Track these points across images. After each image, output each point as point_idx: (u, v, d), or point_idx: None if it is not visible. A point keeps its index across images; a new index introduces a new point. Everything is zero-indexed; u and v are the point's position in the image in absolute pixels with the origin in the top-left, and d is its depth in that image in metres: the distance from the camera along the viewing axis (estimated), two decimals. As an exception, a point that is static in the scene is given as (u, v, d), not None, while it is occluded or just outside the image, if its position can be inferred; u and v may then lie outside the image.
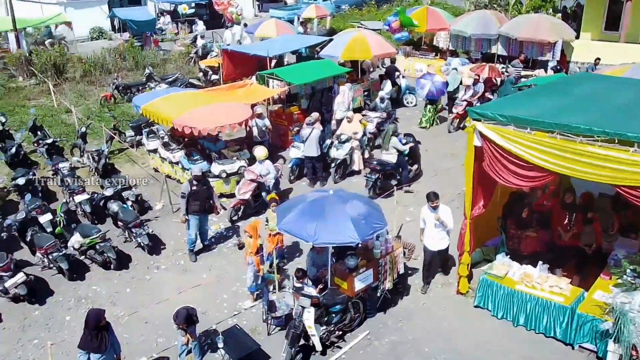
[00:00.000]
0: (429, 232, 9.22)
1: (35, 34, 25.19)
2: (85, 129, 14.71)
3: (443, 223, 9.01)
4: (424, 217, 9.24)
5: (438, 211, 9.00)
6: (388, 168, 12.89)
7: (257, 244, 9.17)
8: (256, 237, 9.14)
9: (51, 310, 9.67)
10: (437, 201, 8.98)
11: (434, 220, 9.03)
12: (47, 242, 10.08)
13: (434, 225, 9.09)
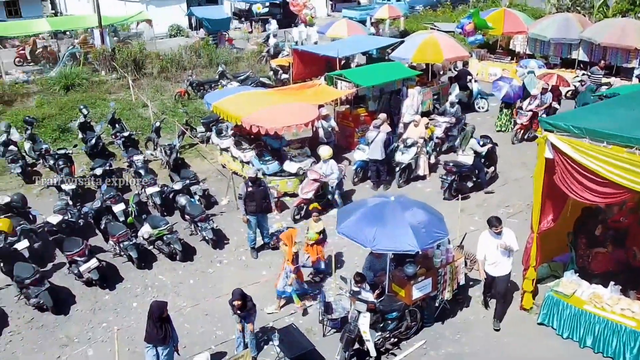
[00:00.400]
0: (491, 258, 8.52)
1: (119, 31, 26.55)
2: (159, 124, 15.33)
3: (508, 248, 8.37)
4: (486, 243, 8.52)
5: (502, 236, 8.38)
6: (464, 170, 12.76)
7: (293, 252, 9.09)
8: (291, 245, 9.05)
9: (120, 296, 10.17)
10: (500, 227, 8.34)
11: (498, 246, 8.40)
12: (119, 231, 10.60)
13: (497, 251, 8.43)
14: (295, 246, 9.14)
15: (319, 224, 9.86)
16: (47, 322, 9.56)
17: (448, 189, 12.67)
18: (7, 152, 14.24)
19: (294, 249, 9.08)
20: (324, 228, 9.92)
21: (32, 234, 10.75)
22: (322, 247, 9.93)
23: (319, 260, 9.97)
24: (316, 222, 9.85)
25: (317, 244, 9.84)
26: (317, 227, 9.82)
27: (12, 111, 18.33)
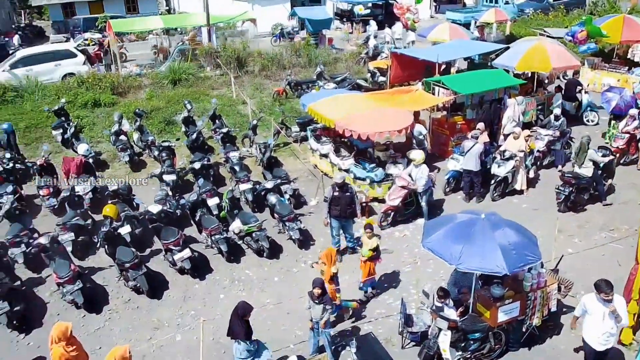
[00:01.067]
0: (593, 325, 7.45)
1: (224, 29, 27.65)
2: (256, 122, 15.82)
3: (617, 318, 7.30)
4: (588, 307, 7.49)
5: (612, 304, 7.23)
6: (583, 182, 12.21)
7: (331, 271, 8.88)
8: (330, 264, 8.86)
9: (209, 287, 10.65)
10: (611, 293, 7.17)
11: (604, 313, 7.29)
12: (212, 225, 11.08)
13: (602, 319, 7.32)
14: (335, 266, 8.92)
15: (372, 240, 9.63)
16: (142, 305, 10.22)
17: (564, 201, 12.20)
18: (118, 141, 15.35)
19: (333, 268, 8.88)
20: (378, 245, 9.72)
21: (134, 221, 11.53)
22: (374, 264, 9.76)
23: (371, 277, 9.81)
24: (370, 238, 9.63)
25: (370, 261, 9.67)
26: (370, 244, 9.62)
27: (124, 102, 19.69)
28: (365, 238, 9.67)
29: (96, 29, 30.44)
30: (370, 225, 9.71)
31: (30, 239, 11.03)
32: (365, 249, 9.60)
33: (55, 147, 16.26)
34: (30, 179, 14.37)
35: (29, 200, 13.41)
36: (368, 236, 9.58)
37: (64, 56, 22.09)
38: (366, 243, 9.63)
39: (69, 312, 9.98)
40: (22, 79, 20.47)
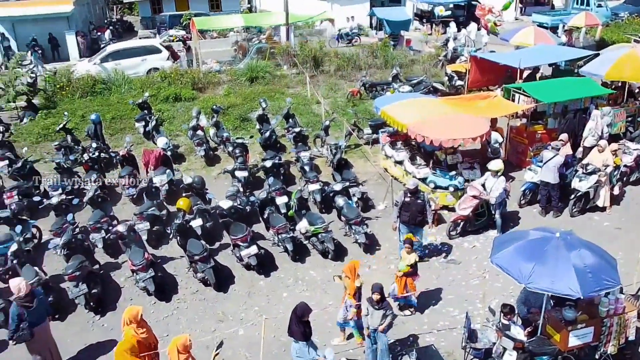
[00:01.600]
0: None
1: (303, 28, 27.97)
2: (329, 123, 15.87)
3: None
4: None
5: None
6: None
7: (355, 286, 8.64)
8: (354, 278, 8.63)
9: (273, 284, 10.81)
10: None
11: None
12: (280, 223, 11.24)
13: None
14: (358, 280, 8.69)
15: (411, 255, 9.39)
16: (208, 297, 10.53)
17: None
18: (195, 135, 15.89)
19: (357, 282, 8.65)
20: (416, 261, 9.46)
21: (206, 215, 11.90)
22: (412, 279, 9.50)
23: (409, 294, 9.56)
24: (408, 253, 9.39)
25: (406, 276, 9.41)
26: (408, 259, 9.37)
27: (203, 98, 20.36)
28: (404, 252, 9.48)
29: (180, 26, 31.69)
30: (410, 240, 9.51)
31: (110, 226, 11.66)
32: (402, 264, 9.40)
33: (137, 138, 17.08)
34: (113, 168, 15.18)
35: (110, 189, 14.15)
36: (407, 251, 9.39)
37: (150, 51, 23.17)
38: (404, 258, 9.42)
39: (141, 298, 10.45)
40: (111, 72, 21.64)
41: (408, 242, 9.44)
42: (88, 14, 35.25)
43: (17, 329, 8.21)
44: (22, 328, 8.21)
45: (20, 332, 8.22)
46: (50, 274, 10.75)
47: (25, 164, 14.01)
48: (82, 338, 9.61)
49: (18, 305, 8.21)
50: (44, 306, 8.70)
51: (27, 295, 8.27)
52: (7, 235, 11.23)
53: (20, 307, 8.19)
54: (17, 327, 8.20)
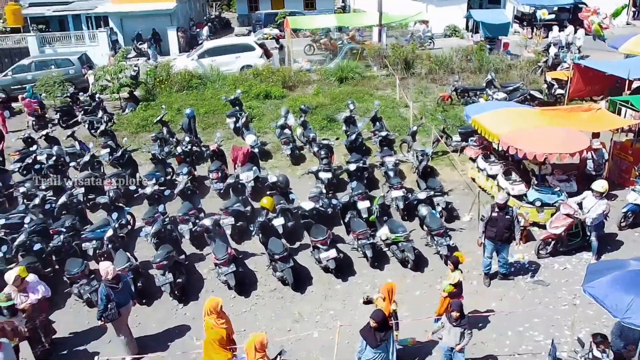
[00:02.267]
0: None
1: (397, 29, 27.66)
2: (416, 128, 15.53)
3: None
4: None
5: None
6: None
7: (391, 308, 8.19)
8: (390, 300, 8.19)
9: (350, 289, 10.74)
10: None
11: None
12: (360, 228, 11.13)
13: None
14: (395, 304, 8.29)
15: (455, 274, 8.85)
16: (286, 296, 10.65)
17: None
18: (283, 134, 16.14)
19: (393, 305, 8.24)
20: (460, 281, 8.90)
21: (288, 214, 12.04)
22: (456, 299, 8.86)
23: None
24: (452, 271, 8.86)
25: (450, 297, 8.84)
26: (452, 278, 8.84)
27: (292, 96, 20.67)
28: (448, 271, 9.01)
29: (275, 24, 32.38)
30: (456, 259, 8.95)
31: (197, 218, 12.11)
32: (446, 283, 8.93)
33: (227, 133, 17.65)
34: (204, 162, 15.75)
35: (200, 182, 14.71)
36: (451, 269, 8.92)
37: (244, 49, 23.88)
38: (448, 276, 8.96)
39: (222, 291, 10.74)
40: (207, 68, 22.52)
41: (453, 260, 8.96)
42: (189, 11, 36.92)
43: (106, 308, 8.76)
44: (110, 308, 8.74)
45: (108, 312, 8.76)
46: (140, 260, 11.30)
47: (124, 153, 14.85)
48: (165, 324, 10.04)
49: (106, 286, 8.77)
50: (129, 289, 9.29)
51: (114, 277, 8.86)
52: (105, 220, 11.97)
53: (108, 288, 8.75)
54: (105, 306, 8.75)
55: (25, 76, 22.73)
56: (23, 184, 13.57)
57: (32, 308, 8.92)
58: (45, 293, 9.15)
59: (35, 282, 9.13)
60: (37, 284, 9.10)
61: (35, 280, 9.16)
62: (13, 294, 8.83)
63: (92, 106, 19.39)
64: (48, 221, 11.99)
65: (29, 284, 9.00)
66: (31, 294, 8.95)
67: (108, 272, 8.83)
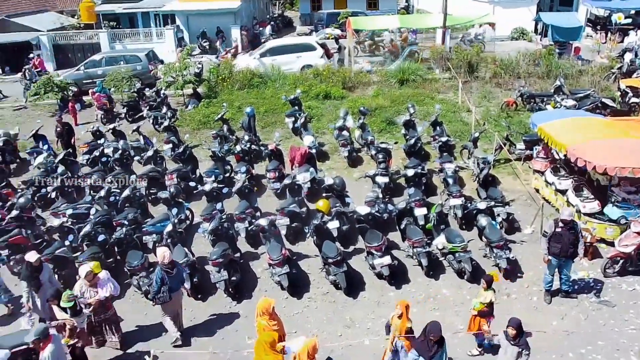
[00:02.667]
0: None
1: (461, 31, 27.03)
2: (478, 134, 15.07)
3: None
4: None
5: None
6: None
7: (408, 325, 7.85)
8: (407, 317, 7.87)
9: (403, 297, 10.38)
10: None
11: None
12: (416, 236, 10.91)
13: None
14: (410, 321, 7.93)
15: (487, 293, 8.46)
16: (338, 300, 10.59)
17: None
18: (340, 136, 16.06)
19: (409, 323, 7.89)
20: (492, 300, 8.49)
21: (343, 217, 11.96)
22: (486, 320, 8.56)
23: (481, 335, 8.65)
24: (485, 290, 8.47)
25: (480, 316, 8.50)
26: (484, 297, 8.47)
27: (352, 97, 20.57)
28: (481, 290, 8.65)
29: (337, 24, 32.36)
30: (489, 277, 8.59)
31: (253, 217, 12.22)
32: (476, 301, 8.58)
33: (285, 133, 17.77)
34: (262, 160, 15.91)
35: (257, 180, 14.87)
36: (484, 288, 8.57)
37: (305, 49, 23.96)
38: (480, 294, 8.60)
39: (275, 291, 10.82)
40: (268, 67, 22.75)
41: (487, 278, 8.60)
42: (252, 9, 37.48)
43: (159, 291, 9.12)
44: (163, 291, 9.13)
45: (161, 294, 9.15)
46: (197, 255, 11.52)
47: (186, 149, 15.21)
48: (218, 321, 10.19)
49: (162, 270, 9.13)
50: (181, 276, 9.64)
51: (169, 263, 9.23)
52: (165, 215, 12.30)
53: (163, 272, 9.11)
54: (159, 289, 9.10)
55: (96, 71, 23.72)
56: (90, 176, 14.15)
57: (99, 304, 9.16)
58: (114, 292, 9.34)
59: (107, 279, 9.30)
60: (107, 281, 9.28)
61: (107, 277, 9.33)
62: (84, 287, 9.10)
63: (157, 102, 20.00)
64: (112, 213, 12.45)
65: (100, 280, 9.21)
66: (100, 290, 9.16)
67: (165, 256, 9.21)
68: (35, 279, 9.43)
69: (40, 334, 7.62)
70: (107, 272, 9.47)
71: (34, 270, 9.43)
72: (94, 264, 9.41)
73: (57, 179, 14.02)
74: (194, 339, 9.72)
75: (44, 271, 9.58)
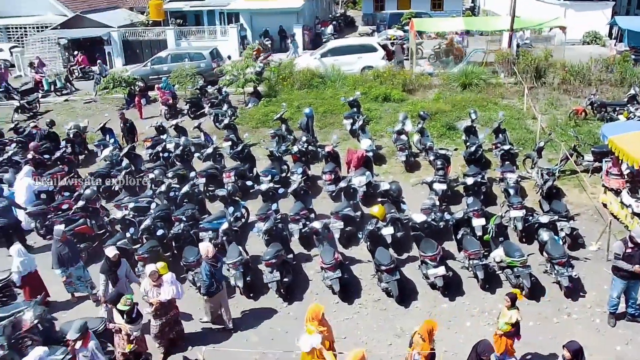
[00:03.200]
0: None
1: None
2: (543, 144, 14.46)
3: None
4: None
5: None
6: None
7: (430, 347, 7.51)
8: (429, 341, 7.52)
9: (456, 310, 10.27)
10: None
11: None
12: (473, 248, 10.59)
13: None
14: (433, 343, 7.60)
15: (512, 312, 8.09)
16: (389, 308, 10.44)
17: None
18: (399, 140, 15.81)
19: (432, 345, 7.57)
20: (518, 320, 8.10)
21: (398, 224, 11.79)
22: (512, 341, 8.18)
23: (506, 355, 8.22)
24: (509, 309, 8.11)
25: (506, 337, 8.11)
26: (509, 316, 8.08)
27: (411, 100, 20.26)
28: (503, 308, 8.29)
29: (399, 25, 31.98)
30: (514, 295, 8.22)
31: (308, 219, 12.22)
32: (502, 322, 8.18)
33: (343, 134, 17.71)
34: (318, 161, 15.91)
35: (313, 182, 14.89)
36: (507, 306, 8.20)
37: (366, 50, 23.84)
38: (504, 314, 8.21)
39: (325, 295, 10.79)
40: (328, 67, 22.75)
41: (511, 296, 8.24)
42: (315, 9, 37.66)
43: (212, 284, 9.40)
44: (214, 283, 9.45)
45: (214, 287, 9.49)
46: (251, 254, 11.63)
47: (244, 148, 15.41)
48: (269, 321, 10.26)
49: (208, 264, 9.39)
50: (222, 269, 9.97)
51: (213, 257, 9.50)
52: (222, 212, 12.51)
53: (210, 265, 9.40)
54: (211, 282, 9.38)
55: (162, 67, 24.49)
56: (152, 170, 14.58)
57: (161, 305, 9.18)
58: (177, 295, 9.31)
59: (171, 281, 9.29)
60: (171, 284, 9.26)
61: (172, 280, 9.31)
62: (148, 286, 9.20)
63: (219, 99, 20.39)
64: (171, 208, 12.77)
65: (163, 282, 9.23)
66: (164, 291, 9.18)
67: (209, 250, 9.50)
68: (113, 273, 9.68)
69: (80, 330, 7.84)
70: (172, 275, 9.45)
71: (112, 265, 9.69)
72: (161, 265, 9.49)
73: (121, 172, 14.53)
74: (244, 339, 9.83)
75: (121, 266, 9.83)
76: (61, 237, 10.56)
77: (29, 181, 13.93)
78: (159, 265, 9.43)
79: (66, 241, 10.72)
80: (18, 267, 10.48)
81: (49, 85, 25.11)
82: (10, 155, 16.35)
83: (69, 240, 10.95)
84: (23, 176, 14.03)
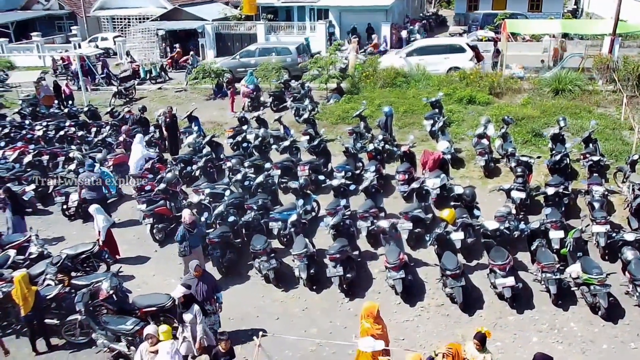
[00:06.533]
0: None
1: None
2: (638, 157, 13.43)
3: None
4: None
5: None
6: None
7: None
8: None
9: (524, 324, 9.83)
10: None
11: None
12: (547, 260, 10.07)
13: None
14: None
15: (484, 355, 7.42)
16: (452, 314, 10.17)
17: None
18: (479, 144, 15.20)
19: None
20: None
21: (469, 229, 11.43)
22: None
23: None
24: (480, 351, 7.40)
25: None
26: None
27: (498, 104, 19.48)
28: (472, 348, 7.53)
29: (492, 26, 30.89)
30: (482, 335, 7.48)
31: (376, 217, 12.13)
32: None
33: (421, 135, 17.39)
34: (393, 161, 15.73)
35: (386, 180, 14.75)
36: (477, 348, 7.45)
37: (454, 50, 23.20)
38: (472, 358, 7.44)
39: (387, 295, 10.70)
40: (413, 66, 22.39)
41: (478, 338, 7.48)
42: (405, 7, 37.17)
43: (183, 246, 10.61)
44: (185, 246, 10.60)
45: (183, 248, 10.62)
46: (317, 247, 11.72)
47: (320, 143, 15.54)
48: (329, 314, 10.33)
49: (184, 229, 10.62)
50: (201, 235, 11.06)
51: (190, 223, 10.73)
52: (292, 204, 12.70)
53: (185, 230, 10.62)
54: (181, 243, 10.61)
55: (250, 60, 25.18)
56: (230, 159, 15.08)
57: None
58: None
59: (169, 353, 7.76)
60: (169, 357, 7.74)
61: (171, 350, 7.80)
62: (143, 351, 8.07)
63: (301, 94, 20.68)
64: (245, 196, 13.15)
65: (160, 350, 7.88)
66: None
67: (186, 217, 10.73)
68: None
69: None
70: (173, 344, 7.93)
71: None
72: (164, 329, 8.10)
73: (201, 159, 15.14)
74: (302, 329, 9.95)
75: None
76: (197, 271, 9.18)
77: (140, 148, 15.63)
78: (162, 329, 8.09)
79: (202, 276, 9.30)
80: (103, 221, 11.93)
81: (145, 74, 26.67)
82: (105, 137, 17.53)
83: (206, 274, 9.55)
84: (137, 143, 15.72)
